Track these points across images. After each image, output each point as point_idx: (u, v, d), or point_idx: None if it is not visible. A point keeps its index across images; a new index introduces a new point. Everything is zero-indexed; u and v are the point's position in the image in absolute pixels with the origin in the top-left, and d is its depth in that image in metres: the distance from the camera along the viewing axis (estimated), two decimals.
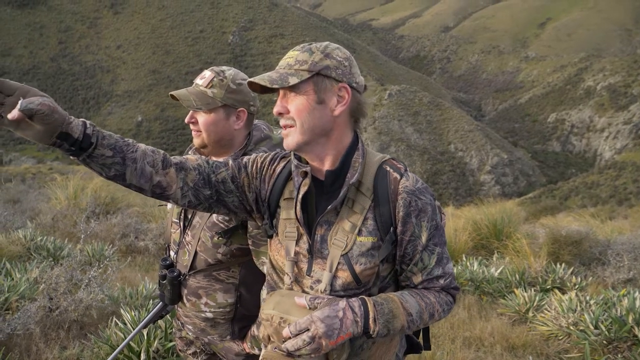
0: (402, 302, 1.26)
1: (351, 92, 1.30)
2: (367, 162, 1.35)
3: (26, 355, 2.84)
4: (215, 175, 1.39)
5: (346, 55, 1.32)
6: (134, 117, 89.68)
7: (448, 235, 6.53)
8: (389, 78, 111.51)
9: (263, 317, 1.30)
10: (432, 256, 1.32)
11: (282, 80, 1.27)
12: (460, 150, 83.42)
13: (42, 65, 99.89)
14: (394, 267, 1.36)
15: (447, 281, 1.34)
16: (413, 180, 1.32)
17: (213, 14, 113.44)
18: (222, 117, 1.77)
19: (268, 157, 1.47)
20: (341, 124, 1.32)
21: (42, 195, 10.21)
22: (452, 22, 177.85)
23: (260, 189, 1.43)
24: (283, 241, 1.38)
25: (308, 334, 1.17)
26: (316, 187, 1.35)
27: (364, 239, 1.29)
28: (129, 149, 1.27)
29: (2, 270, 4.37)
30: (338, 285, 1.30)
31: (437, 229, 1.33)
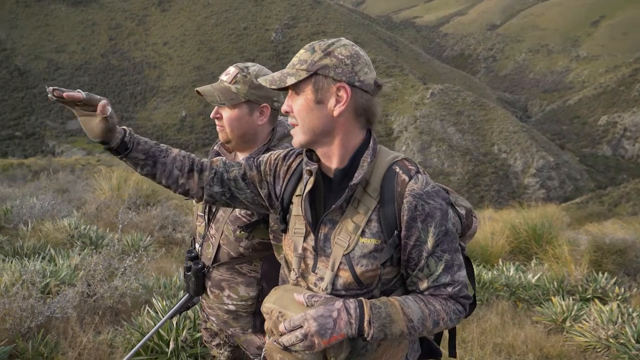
0: (402, 307, 1.23)
1: (351, 91, 1.26)
2: (377, 162, 1.32)
3: (63, 338, 2.97)
4: (228, 173, 1.48)
5: (350, 53, 1.28)
6: (178, 112, 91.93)
7: (484, 239, 6.38)
8: (432, 77, 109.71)
9: (264, 310, 1.31)
10: (439, 263, 1.28)
11: (281, 80, 1.29)
12: (504, 152, 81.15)
13: (94, 61, 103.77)
14: (400, 271, 1.33)
15: (456, 289, 1.30)
16: (422, 183, 1.28)
17: (257, 11, 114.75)
18: (245, 113, 1.80)
19: (282, 153, 1.49)
20: (344, 123, 1.30)
21: (88, 186, 10.62)
22: (499, 20, 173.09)
23: (275, 185, 1.46)
24: (292, 237, 1.39)
25: (301, 331, 1.17)
26: (326, 185, 1.35)
27: (367, 240, 1.27)
28: (161, 154, 1.47)
29: (47, 255, 4.59)
30: (339, 285, 1.30)
31: (447, 235, 1.29)
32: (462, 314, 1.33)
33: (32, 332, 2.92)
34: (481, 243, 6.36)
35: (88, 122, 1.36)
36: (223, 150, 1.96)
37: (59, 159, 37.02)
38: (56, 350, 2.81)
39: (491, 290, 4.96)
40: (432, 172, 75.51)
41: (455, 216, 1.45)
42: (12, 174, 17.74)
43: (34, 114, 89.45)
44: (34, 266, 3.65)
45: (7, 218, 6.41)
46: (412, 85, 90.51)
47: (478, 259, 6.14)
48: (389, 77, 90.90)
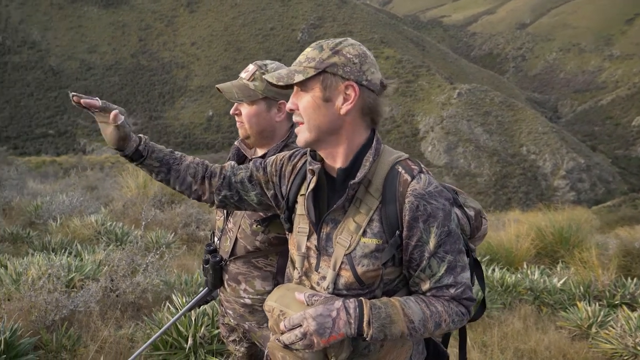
0: (403, 308, 1.22)
1: (359, 90, 1.27)
2: (380, 161, 1.31)
3: (85, 331, 3.04)
4: (235, 177, 1.53)
5: (358, 52, 1.28)
6: (205, 112, 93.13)
7: (508, 241, 6.27)
8: (459, 77, 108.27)
9: (266, 308, 1.32)
10: (441, 264, 1.26)
11: (289, 77, 1.28)
12: (532, 153, 79.48)
13: (124, 61, 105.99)
14: (402, 272, 1.32)
15: (459, 291, 1.28)
16: (424, 183, 1.27)
17: (283, 11, 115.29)
18: (263, 109, 1.84)
19: (287, 154, 1.51)
20: (351, 122, 1.30)
21: (116, 184, 10.85)
22: (529, 18, 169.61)
23: (281, 185, 1.48)
24: (296, 236, 1.40)
25: (300, 329, 1.17)
26: (329, 185, 1.35)
27: (368, 240, 1.27)
28: (175, 162, 1.55)
29: (73, 251, 4.71)
30: (341, 284, 1.30)
31: (450, 236, 1.27)
32: (466, 316, 1.31)
33: (56, 324, 3.00)
34: (505, 245, 6.25)
35: (105, 129, 1.44)
36: (243, 146, 1.99)
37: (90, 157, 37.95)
38: (78, 343, 2.88)
39: (514, 293, 4.87)
40: (458, 173, 74.55)
41: (463, 217, 1.43)
42: (44, 171, 18.27)
43: (67, 112, 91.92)
44: (60, 261, 3.75)
45: (37, 214, 6.62)
46: (438, 85, 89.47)
47: (502, 262, 6.03)
48: (416, 77, 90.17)
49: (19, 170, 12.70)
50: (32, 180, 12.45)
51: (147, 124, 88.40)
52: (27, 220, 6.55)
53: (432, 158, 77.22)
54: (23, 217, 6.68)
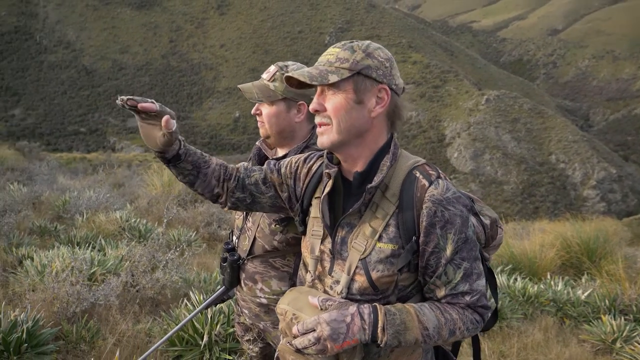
0: (418, 315, 1.21)
1: (390, 94, 1.27)
2: (398, 166, 1.30)
3: (104, 324, 3.10)
4: (249, 178, 1.52)
5: (387, 56, 1.29)
6: (232, 113, 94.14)
7: (532, 251, 6.14)
8: (488, 83, 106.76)
9: (278, 311, 1.31)
10: (457, 271, 1.25)
11: (322, 77, 1.26)
12: (562, 162, 77.70)
13: (154, 62, 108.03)
14: (417, 278, 1.31)
15: (474, 299, 1.26)
16: (442, 189, 1.25)
17: (312, 15, 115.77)
18: (283, 110, 1.85)
19: (302, 156, 1.51)
20: (377, 125, 1.30)
21: (142, 182, 11.06)
22: (561, 24, 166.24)
23: (295, 188, 1.47)
24: (310, 239, 1.39)
25: (314, 334, 1.16)
26: (346, 188, 1.34)
27: (384, 245, 1.25)
28: (204, 165, 1.50)
29: (97, 245, 4.82)
30: (355, 289, 1.28)
31: (467, 243, 1.25)
32: (480, 324, 1.29)
33: (76, 316, 3.07)
34: (529, 255, 6.13)
35: (150, 131, 1.37)
36: (265, 147, 2.01)
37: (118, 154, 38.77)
38: (97, 336, 2.94)
39: (536, 304, 4.77)
40: (484, 180, 73.42)
41: (478, 225, 1.41)
42: (74, 167, 18.75)
43: (98, 111, 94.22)
44: (83, 255, 3.84)
45: (65, 208, 6.80)
46: (466, 90, 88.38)
47: (524, 272, 5.91)
48: (443, 82, 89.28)
49: (50, 165, 13.06)
50: (62, 175, 12.79)
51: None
52: (55, 214, 6.73)
53: (458, 164, 76.28)
54: (51, 211, 6.87)
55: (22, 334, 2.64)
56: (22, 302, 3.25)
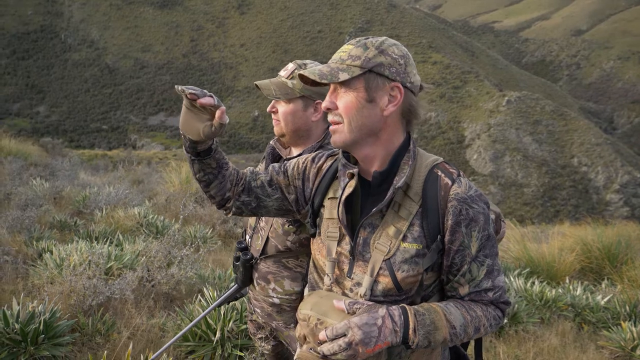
0: (445, 314, 1.20)
1: (404, 92, 1.24)
2: (417, 165, 1.28)
3: (119, 318, 3.15)
4: (255, 181, 1.48)
5: (402, 53, 1.25)
6: (251, 112, 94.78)
7: (550, 254, 6.03)
8: (509, 83, 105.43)
9: (300, 317, 1.27)
10: (481, 268, 1.24)
11: (332, 75, 1.23)
12: (584, 165, 76.34)
13: (175, 60, 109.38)
14: (439, 276, 1.29)
15: (497, 295, 1.26)
16: (465, 187, 1.24)
17: (332, 14, 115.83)
18: (299, 108, 1.83)
19: (310, 157, 1.47)
20: (391, 124, 1.27)
21: (161, 179, 11.18)
22: (586, 25, 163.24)
23: (304, 189, 1.44)
24: (325, 241, 1.36)
25: (345, 339, 1.13)
26: (362, 188, 1.31)
27: (409, 245, 1.23)
28: (225, 166, 1.45)
29: (115, 240, 4.89)
30: (378, 291, 1.26)
31: (489, 240, 1.24)
32: (501, 320, 1.29)
33: (92, 309, 3.12)
34: (547, 259, 6.02)
35: (194, 120, 1.31)
36: (279, 146, 2.00)
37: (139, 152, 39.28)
38: (112, 329, 2.98)
39: (554, 308, 4.68)
40: (504, 182, 72.49)
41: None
42: (95, 164, 19.05)
43: (120, 109, 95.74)
44: (101, 249, 3.90)
45: (85, 204, 6.91)
46: (487, 91, 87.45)
47: (542, 275, 5.81)
48: (463, 83, 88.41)
49: (71, 162, 13.29)
50: (84, 172, 13.01)
51: None
52: (75, 209, 6.85)
53: (477, 166, 75.52)
54: (72, 206, 6.99)
55: (40, 325, 2.69)
56: (40, 294, 3.31)
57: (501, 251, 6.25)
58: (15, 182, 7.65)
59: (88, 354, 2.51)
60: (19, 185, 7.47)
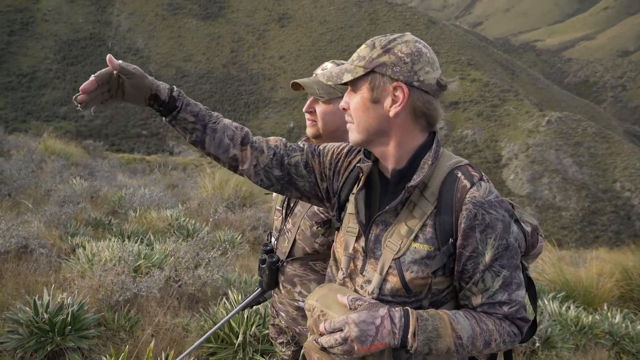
0: (452, 322, 1.15)
1: (409, 91, 1.19)
2: (438, 165, 1.23)
3: (144, 315, 3.18)
4: (289, 158, 1.41)
5: (411, 51, 1.19)
6: (286, 123, 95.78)
7: (588, 278, 5.79)
8: (550, 103, 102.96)
9: (306, 306, 1.28)
10: (496, 278, 1.18)
11: (338, 76, 1.24)
12: (627, 190, 73.47)
13: (215, 70, 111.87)
14: (452, 283, 1.24)
15: (513, 309, 1.19)
16: (484, 191, 1.18)
17: (371, 29, 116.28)
18: (338, 108, 1.79)
19: (345, 148, 1.44)
20: (401, 125, 1.23)
21: (195, 184, 11.38)
22: (633, 46, 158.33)
23: (334, 180, 1.41)
24: (344, 235, 1.34)
25: (341, 334, 1.12)
26: (382, 185, 1.29)
27: (419, 246, 1.20)
28: (211, 119, 1.38)
29: (146, 240, 4.97)
30: (387, 290, 1.23)
31: (508, 250, 1.18)
32: (518, 337, 1.22)
33: (119, 305, 3.16)
34: (584, 283, 5.78)
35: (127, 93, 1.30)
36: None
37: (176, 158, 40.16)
38: (137, 326, 3.01)
39: (590, 335, 4.47)
40: (541, 205, 70.51)
41: (519, 232, 1.32)
42: (133, 167, 19.57)
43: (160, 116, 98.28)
44: (131, 247, 3.96)
45: (120, 204, 7.08)
46: (526, 111, 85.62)
47: (579, 300, 5.57)
48: (502, 102, 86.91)
49: (110, 164, 13.71)
50: (122, 174, 13.37)
51: None
52: (110, 209, 7.03)
53: (513, 187, 73.77)
54: (107, 205, 7.17)
55: (67, 316, 2.74)
56: (70, 287, 3.38)
57: (536, 273, 6.04)
58: (56, 180, 7.91)
59: (111, 348, 2.53)
60: (59, 182, 7.73)
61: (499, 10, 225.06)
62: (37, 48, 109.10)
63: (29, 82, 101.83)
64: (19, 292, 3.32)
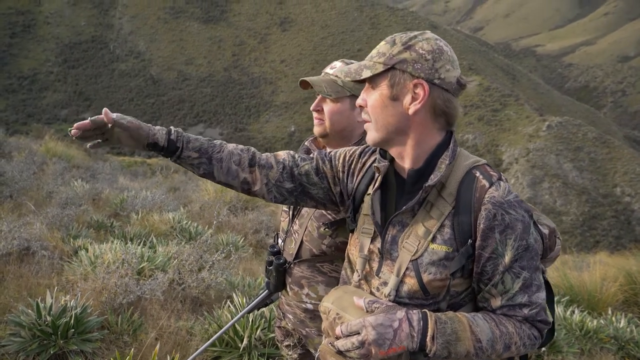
0: (471, 325, 1.13)
1: (429, 89, 1.16)
2: (456, 165, 1.21)
3: (148, 318, 3.15)
4: (299, 168, 1.41)
5: (432, 48, 1.18)
6: (287, 127, 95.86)
7: (592, 283, 5.76)
8: (550, 108, 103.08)
9: (321, 309, 1.25)
10: (516, 280, 1.16)
11: (357, 73, 1.21)
12: (627, 195, 73.46)
13: (216, 74, 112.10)
14: (471, 284, 1.22)
15: (533, 312, 1.17)
16: (503, 191, 1.16)
17: (372, 34, 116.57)
18: (347, 107, 1.79)
19: (357, 150, 1.42)
20: (420, 123, 1.20)
21: (196, 187, 11.36)
22: (633, 51, 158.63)
23: (347, 183, 1.39)
24: (359, 237, 1.32)
25: (358, 337, 1.10)
26: (398, 186, 1.26)
27: (437, 247, 1.17)
28: (214, 149, 1.38)
29: (149, 242, 4.95)
30: (404, 292, 1.20)
31: (528, 251, 1.16)
32: (538, 340, 1.19)
33: (122, 308, 3.13)
34: (588, 287, 5.75)
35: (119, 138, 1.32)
36: (314, 146, 1.95)
37: None
38: (140, 329, 2.98)
39: (595, 340, 4.44)
40: (542, 209, 70.41)
41: (537, 235, 1.30)
42: (135, 170, 19.57)
43: (161, 118, 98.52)
44: (135, 249, 3.94)
45: (122, 206, 7.06)
46: (527, 116, 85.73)
47: (583, 305, 5.54)
48: (503, 106, 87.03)
49: (112, 166, 13.69)
50: (123, 176, 13.36)
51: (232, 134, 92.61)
52: (112, 211, 7.01)
53: (514, 191, 73.79)
54: (109, 207, 7.15)
55: (71, 319, 2.71)
56: (73, 289, 3.36)
57: None
58: (58, 182, 7.89)
59: (115, 351, 2.50)
60: (60, 184, 7.71)
61: (499, 16, 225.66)
62: (39, 51, 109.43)
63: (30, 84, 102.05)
64: (21, 294, 3.30)
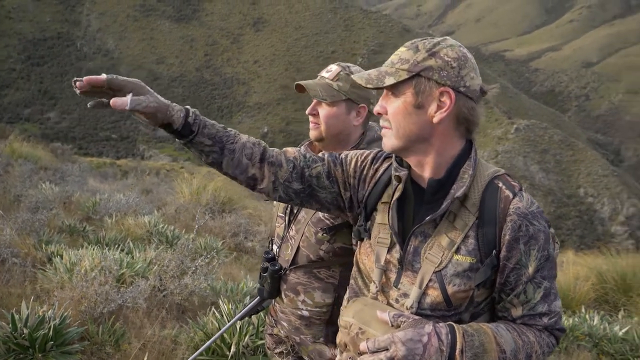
0: (495, 337, 1.12)
1: (455, 97, 1.15)
2: (477, 175, 1.20)
3: (130, 327, 3.06)
4: (310, 169, 1.35)
5: (457, 55, 1.16)
6: (260, 128, 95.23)
7: (566, 282, 5.92)
8: (518, 112, 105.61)
9: (341, 323, 1.23)
10: (537, 290, 1.16)
11: (379, 80, 1.18)
12: (590, 196, 75.98)
13: (188, 74, 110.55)
14: (491, 294, 1.21)
15: (552, 320, 1.18)
16: (527, 202, 1.17)
17: (346, 36, 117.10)
18: (343, 111, 1.77)
19: (369, 156, 1.38)
20: (443, 131, 1.19)
21: (170, 189, 11.16)
22: (596, 57, 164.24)
23: (359, 189, 1.36)
24: (374, 246, 1.28)
25: (387, 354, 1.07)
26: (417, 195, 1.24)
27: (462, 258, 1.16)
28: (229, 140, 1.31)
29: (125, 248, 4.81)
30: (426, 304, 1.18)
31: (548, 261, 1.17)
32: (554, 348, 1.22)
33: (103, 317, 3.03)
34: (562, 287, 5.91)
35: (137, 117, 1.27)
36: (310, 151, 1.93)
37: (147, 162, 39.46)
38: (122, 339, 2.89)
39: (571, 338, 4.55)
40: None
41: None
42: (104, 171, 19.12)
43: (130, 118, 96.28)
44: (112, 255, 3.82)
45: (94, 209, 6.86)
46: (496, 119, 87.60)
47: None
48: None
49: (81, 168, 13.32)
50: (93, 178, 13.02)
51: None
52: (84, 215, 6.80)
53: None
54: (81, 211, 6.94)
55: (49, 331, 2.60)
56: (50, 299, 3.23)
57: None
58: (26, 185, 7.60)
59: None
60: (29, 187, 7.43)
61: (470, 20, 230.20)
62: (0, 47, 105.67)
63: None
64: None
